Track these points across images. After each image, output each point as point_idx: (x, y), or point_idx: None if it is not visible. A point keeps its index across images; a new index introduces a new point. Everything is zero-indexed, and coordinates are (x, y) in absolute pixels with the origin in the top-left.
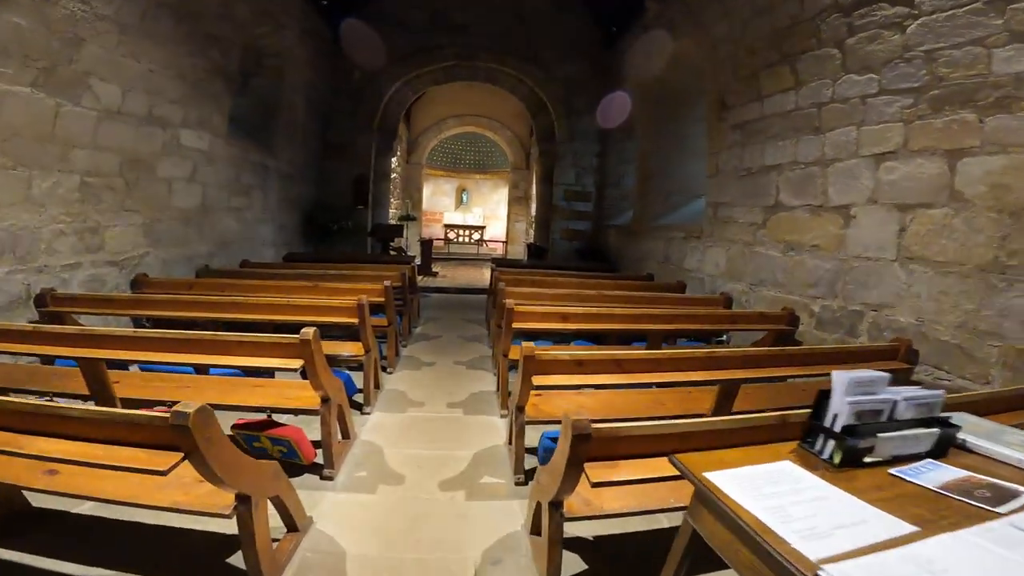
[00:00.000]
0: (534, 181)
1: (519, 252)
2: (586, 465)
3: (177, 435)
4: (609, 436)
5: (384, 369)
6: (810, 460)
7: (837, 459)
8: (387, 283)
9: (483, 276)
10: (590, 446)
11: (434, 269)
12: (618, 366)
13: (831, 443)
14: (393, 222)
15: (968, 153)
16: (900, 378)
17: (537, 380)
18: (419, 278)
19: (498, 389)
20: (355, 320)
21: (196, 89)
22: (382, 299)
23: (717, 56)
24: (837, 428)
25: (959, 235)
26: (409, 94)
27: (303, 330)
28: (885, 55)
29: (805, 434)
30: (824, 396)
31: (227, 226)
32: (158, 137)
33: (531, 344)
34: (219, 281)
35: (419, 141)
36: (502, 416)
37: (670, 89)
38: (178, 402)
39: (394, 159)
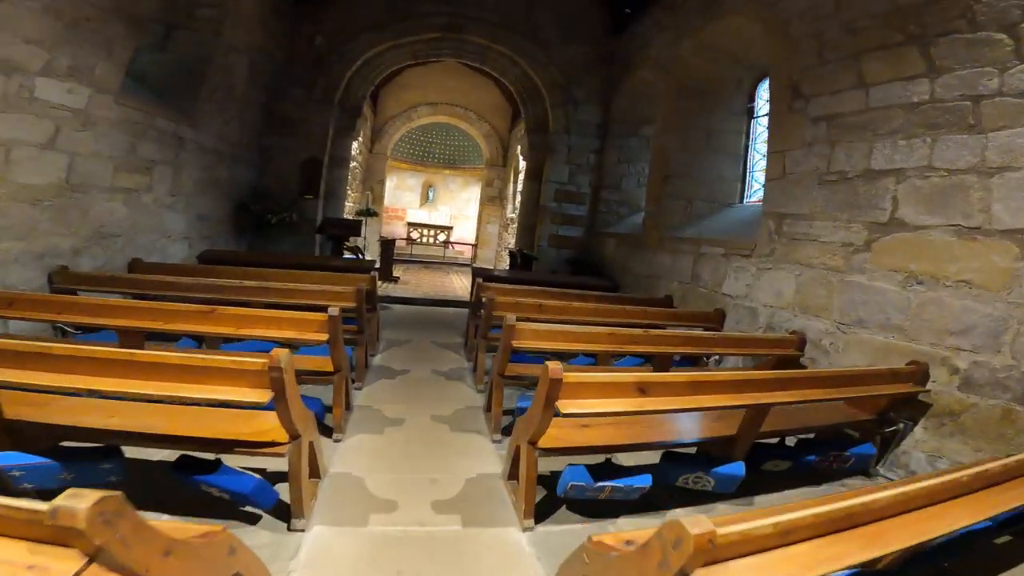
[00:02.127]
0: (517, 178)
1: (489, 257)
2: None
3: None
4: None
5: (329, 435)
6: None
7: None
8: (333, 311)
9: (452, 283)
10: None
11: (395, 274)
12: (852, 519)
13: None
14: (350, 217)
15: None
16: None
17: None
18: (379, 285)
19: (508, 476)
20: (264, 396)
21: (74, 30)
22: (324, 336)
23: (789, 35)
24: None
25: None
26: (381, 68)
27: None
28: None
29: None
30: None
31: (110, 212)
32: None
33: (709, 526)
34: (64, 299)
35: (385, 129)
36: (525, 529)
37: (698, 77)
38: None
39: (355, 144)
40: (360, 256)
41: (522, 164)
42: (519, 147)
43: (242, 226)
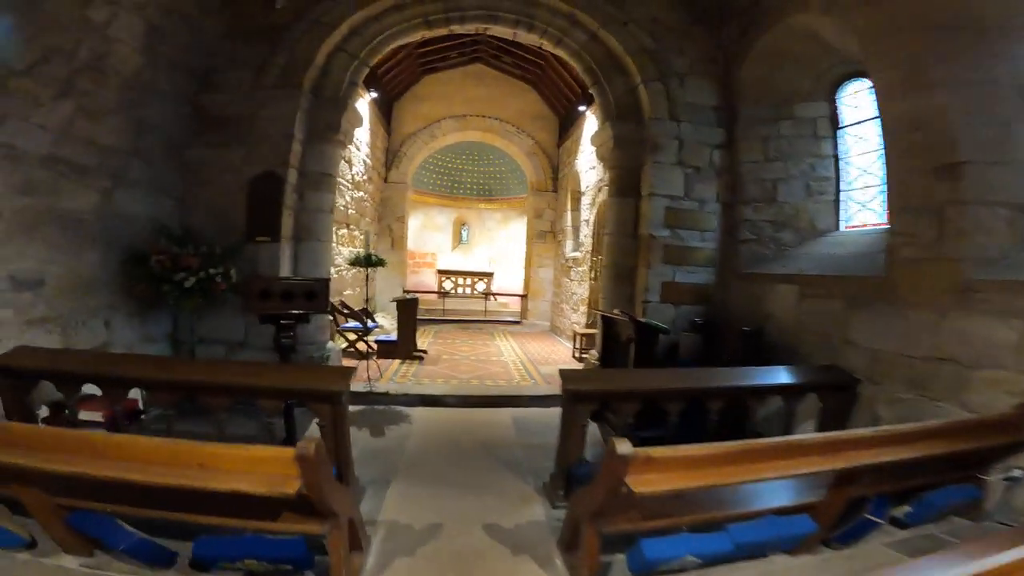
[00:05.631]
0: (578, 204)
1: (543, 310)
2: None
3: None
4: None
5: None
6: None
7: None
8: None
9: (499, 352)
10: None
11: (421, 348)
12: None
13: None
14: (341, 271)
15: None
16: None
17: None
18: (395, 367)
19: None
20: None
21: None
22: None
23: None
24: None
25: None
26: (379, 42)
27: None
28: None
29: None
30: None
31: None
32: None
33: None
34: None
35: (403, 151)
36: None
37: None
38: None
39: (361, 165)
40: (365, 324)
41: (586, 180)
42: (577, 161)
43: (153, 295)
